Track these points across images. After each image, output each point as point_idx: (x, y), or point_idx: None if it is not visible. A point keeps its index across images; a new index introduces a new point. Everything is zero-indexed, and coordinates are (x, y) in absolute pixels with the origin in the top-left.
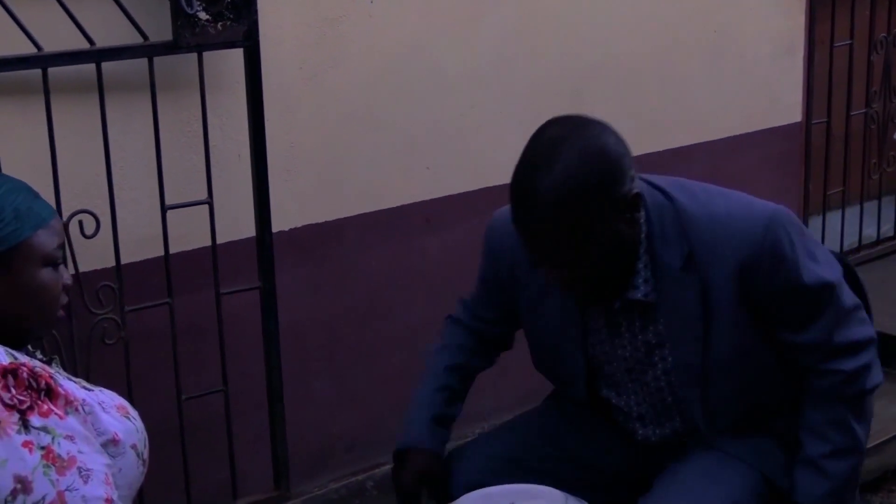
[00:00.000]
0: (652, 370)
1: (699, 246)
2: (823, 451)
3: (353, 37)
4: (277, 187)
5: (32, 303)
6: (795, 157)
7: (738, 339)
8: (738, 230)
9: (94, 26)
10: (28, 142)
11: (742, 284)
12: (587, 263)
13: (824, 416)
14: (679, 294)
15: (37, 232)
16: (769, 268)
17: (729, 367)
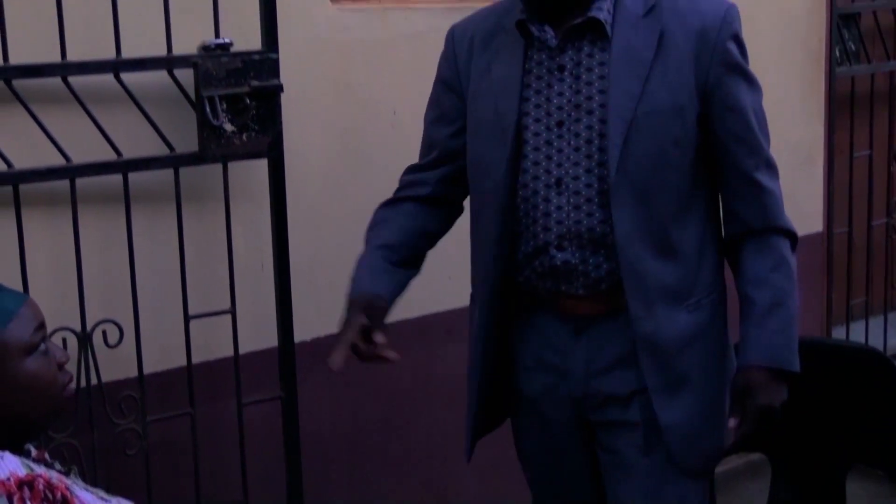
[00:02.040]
0: (587, 118)
1: (665, 3)
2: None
3: (376, 147)
4: (300, 297)
5: (29, 396)
6: (817, 266)
7: (676, 96)
8: (702, 5)
9: (121, 137)
10: (54, 251)
11: (698, 44)
12: None
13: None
14: (635, 36)
15: (7, 327)
16: (724, 36)
17: (657, 125)
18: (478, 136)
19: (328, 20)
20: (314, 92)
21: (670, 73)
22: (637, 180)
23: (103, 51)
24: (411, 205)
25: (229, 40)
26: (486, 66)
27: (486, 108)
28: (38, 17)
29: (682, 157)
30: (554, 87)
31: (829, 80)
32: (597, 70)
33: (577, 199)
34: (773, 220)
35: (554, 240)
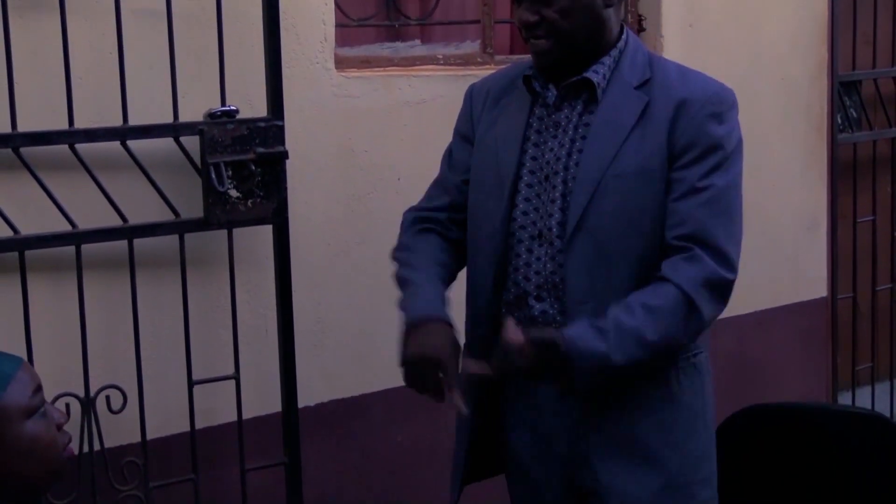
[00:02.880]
0: (563, 174)
1: (659, 78)
2: (621, 322)
3: (380, 213)
4: (304, 363)
5: (30, 458)
6: (822, 332)
7: (646, 161)
8: (697, 80)
9: (127, 203)
10: (58, 317)
11: (676, 114)
12: (559, 9)
13: (647, 297)
14: (622, 103)
15: (5, 392)
16: (705, 112)
17: (624, 188)
18: (478, 185)
19: (333, 87)
20: (319, 158)
21: (647, 140)
22: (597, 239)
23: (110, 118)
24: (436, 237)
25: (235, 108)
26: (494, 120)
27: (488, 159)
28: (46, 84)
29: (647, 225)
30: (548, 143)
31: (831, 146)
32: (581, 130)
33: (552, 251)
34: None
35: (533, 290)
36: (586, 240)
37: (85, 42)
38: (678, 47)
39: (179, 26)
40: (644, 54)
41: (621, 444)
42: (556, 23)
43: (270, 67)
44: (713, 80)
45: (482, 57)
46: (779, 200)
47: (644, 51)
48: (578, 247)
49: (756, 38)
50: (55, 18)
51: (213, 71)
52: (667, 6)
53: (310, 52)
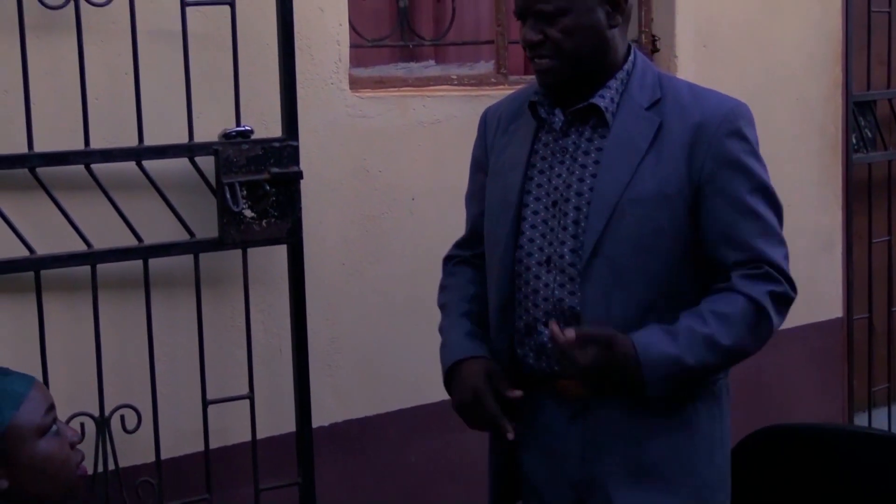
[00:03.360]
0: (576, 199)
1: (670, 97)
2: (690, 326)
3: (394, 233)
4: (318, 382)
5: (44, 477)
6: (838, 352)
7: (663, 186)
8: (710, 99)
9: (142, 223)
10: (73, 336)
11: (693, 137)
12: (563, 28)
13: (717, 305)
14: (634, 125)
15: (18, 411)
16: (723, 131)
17: (640, 212)
18: (489, 213)
19: (347, 108)
20: (333, 178)
21: (662, 163)
22: (615, 264)
23: (125, 138)
24: (468, 273)
25: (250, 128)
26: (504, 146)
27: (497, 186)
28: (63, 105)
29: (666, 247)
30: (555, 169)
31: (846, 166)
32: (593, 154)
33: (563, 278)
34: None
35: (542, 316)
36: (603, 265)
37: (101, 63)
38: (692, 68)
39: (195, 47)
40: (653, 74)
41: (635, 469)
42: (560, 42)
43: (285, 88)
44: (726, 97)
45: (496, 77)
46: (793, 220)
47: (653, 70)
48: (595, 273)
49: (770, 58)
50: (72, 39)
51: (228, 91)
52: (680, 27)
53: (324, 72)
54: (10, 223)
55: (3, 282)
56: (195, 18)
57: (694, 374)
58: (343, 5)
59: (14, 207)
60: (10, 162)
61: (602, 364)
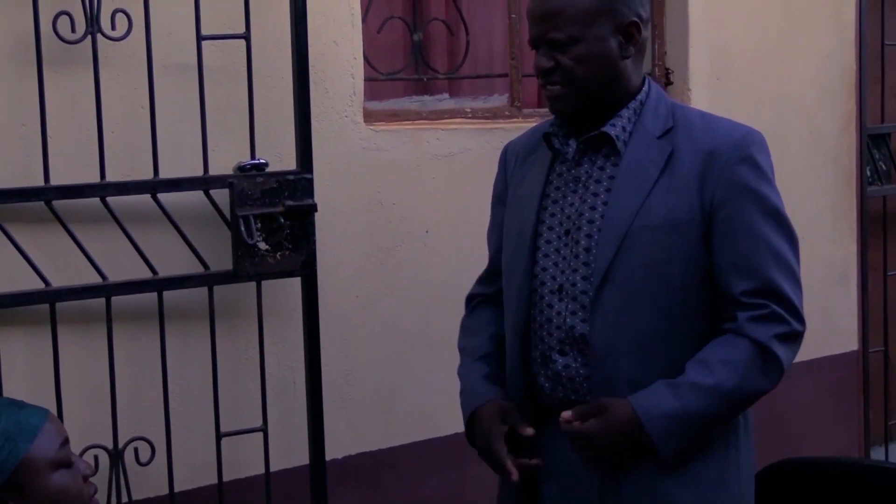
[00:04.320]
0: (587, 227)
1: (682, 126)
2: (694, 380)
3: (408, 265)
4: (332, 415)
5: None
6: (853, 385)
7: (675, 214)
8: (722, 126)
9: (157, 255)
10: (87, 368)
11: (705, 165)
12: (574, 56)
13: (721, 351)
14: (645, 153)
15: (33, 444)
16: (735, 158)
17: (651, 240)
18: (506, 244)
19: (362, 140)
20: (348, 211)
21: (673, 190)
22: (625, 292)
23: (141, 171)
24: (489, 313)
25: (265, 160)
26: (521, 178)
27: (513, 217)
28: (79, 138)
29: (677, 275)
30: (568, 198)
31: (860, 199)
32: (605, 183)
33: (574, 306)
34: (748, 329)
35: (556, 345)
36: (613, 293)
37: (117, 96)
38: (706, 100)
39: (210, 80)
40: (667, 104)
41: (653, 500)
42: (571, 70)
43: (300, 121)
44: (738, 125)
45: (510, 110)
46: (808, 253)
47: (667, 101)
48: (606, 300)
49: (784, 91)
50: (88, 73)
51: (243, 124)
52: (694, 59)
53: (339, 105)
54: (25, 255)
55: (19, 314)
56: (211, 52)
57: (704, 425)
58: (358, 39)
59: (30, 240)
60: (27, 195)
61: (603, 431)
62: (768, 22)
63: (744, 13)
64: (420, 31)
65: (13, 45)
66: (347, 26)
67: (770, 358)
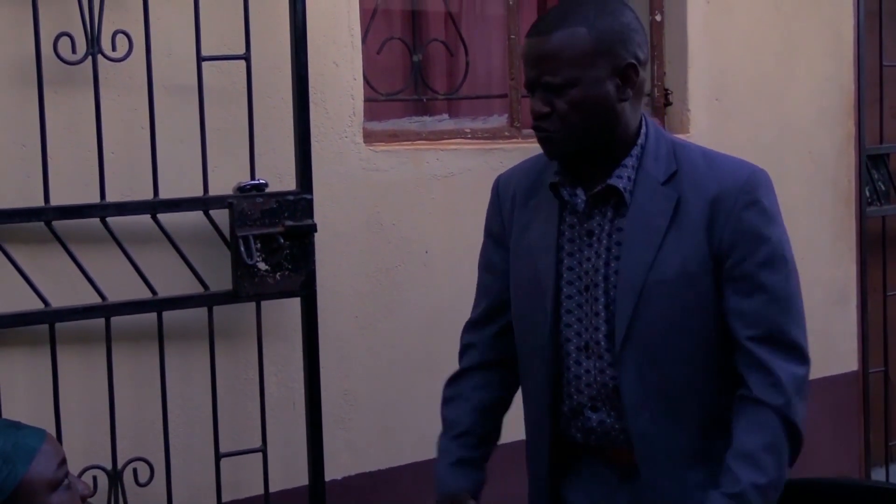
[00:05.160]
0: (604, 284)
1: (686, 169)
2: (757, 483)
3: (408, 286)
4: (331, 436)
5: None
6: (853, 406)
7: (687, 264)
8: (725, 168)
9: (157, 276)
10: (87, 389)
11: (712, 211)
12: (570, 100)
13: (758, 438)
14: (651, 203)
15: (31, 465)
16: (741, 204)
17: (667, 293)
18: (520, 293)
19: (361, 161)
20: (347, 231)
21: (683, 241)
22: (647, 346)
23: (141, 191)
24: (476, 376)
25: (264, 181)
26: (526, 224)
27: (526, 267)
28: (79, 158)
29: (696, 325)
30: (584, 252)
31: (859, 219)
32: (615, 236)
33: (602, 363)
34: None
35: (587, 402)
36: (636, 349)
37: (117, 117)
38: (705, 121)
39: (210, 101)
40: (667, 144)
41: None
42: (567, 114)
43: (299, 141)
44: (742, 164)
45: (510, 131)
46: (807, 274)
47: (667, 140)
48: (629, 357)
49: (783, 112)
50: (89, 93)
51: (242, 145)
52: (693, 80)
53: (338, 126)
54: (25, 276)
55: (18, 334)
56: (211, 73)
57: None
58: (357, 59)
59: (29, 260)
60: (27, 215)
61: None
62: (767, 43)
63: (743, 34)
64: (419, 52)
65: (14, 65)
66: (347, 47)
67: (795, 431)
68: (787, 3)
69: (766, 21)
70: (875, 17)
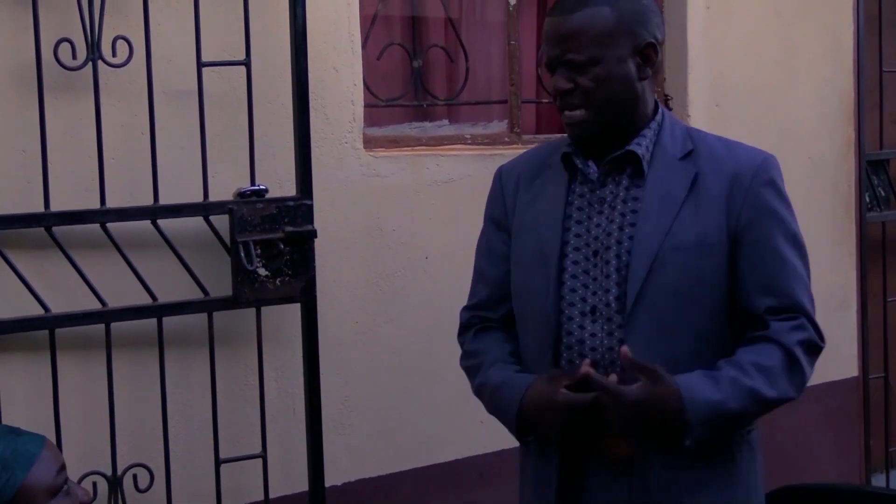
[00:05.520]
0: (616, 248)
1: (702, 148)
2: (734, 377)
3: (408, 291)
4: (331, 441)
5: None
6: (854, 412)
7: (704, 235)
8: (742, 149)
9: (157, 281)
10: (87, 395)
11: (730, 188)
12: (594, 77)
13: (754, 356)
14: (671, 175)
15: (31, 471)
16: (758, 182)
17: (682, 261)
18: (521, 265)
19: (361, 167)
20: (347, 237)
21: (701, 212)
22: (658, 313)
23: (141, 197)
24: (497, 333)
25: (264, 187)
26: (532, 200)
27: (530, 239)
28: (80, 164)
29: (707, 296)
30: (593, 220)
31: (859, 225)
32: (631, 204)
33: (610, 326)
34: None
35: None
36: (646, 314)
37: (117, 122)
38: (705, 126)
39: (210, 107)
40: (681, 127)
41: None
42: (591, 91)
43: (299, 147)
44: (756, 148)
45: (509, 136)
46: None
47: (681, 125)
48: (638, 321)
49: (783, 117)
50: (89, 99)
51: (243, 150)
52: (693, 86)
53: (338, 131)
54: (25, 281)
55: (18, 340)
56: (211, 79)
57: (734, 423)
58: (357, 65)
59: (29, 266)
60: (27, 221)
61: (647, 398)
62: (767, 49)
63: (743, 40)
64: (420, 58)
65: (14, 71)
66: (347, 53)
67: (797, 367)
68: (786, 9)
69: (765, 27)
70: (875, 22)
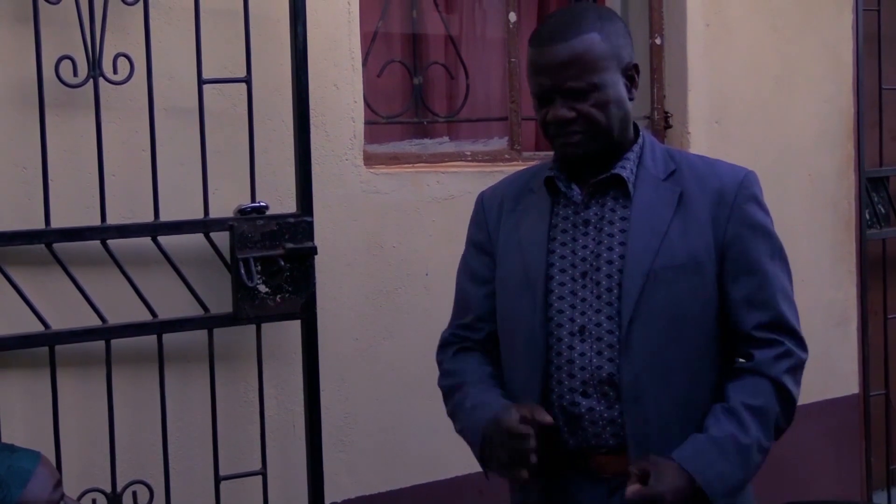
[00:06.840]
0: (607, 268)
1: (685, 167)
2: (738, 438)
3: (408, 308)
4: (331, 458)
5: None
6: (854, 429)
7: (693, 253)
8: (723, 166)
9: (157, 298)
10: (87, 411)
11: (715, 204)
12: (595, 103)
13: (748, 398)
14: (656, 195)
15: (26, 488)
16: (742, 197)
17: (673, 278)
18: (507, 288)
19: (362, 183)
20: (347, 254)
21: (689, 230)
22: (652, 331)
23: (141, 214)
24: (476, 354)
25: (265, 203)
26: (515, 224)
27: (515, 262)
28: (80, 181)
29: (698, 313)
30: (578, 241)
31: (859, 242)
32: (618, 224)
33: (600, 346)
34: (765, 367)
35: (579, 386)
36: (641, 332)
37: (118, 139)
38: (704, 143)
39: (211, 124)
40: (661, 149)
41: None
42: (594, 117)
43: (300, 164)
44: (736, 165)
45: (510, 153)
46: (808, 296)
47: (660, 146)
48: (634, 340)
49: (782, 135)
50: (90, 117)
51: (243, 167)
52: (693, 102)
53: (339, 148)
54: (25, 298)
55: (18, 356)
56: (211, 96)
57: (748, 476)
58: (358, 82)
59: (30, 282)
60: (28, 237)
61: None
62: (767, 66)
63: (742, 57)
64: (420, 75)
65: (16, 88)
66: (348, 70)
67: (787, 397)
68: (786, 27)
69: (765, 44)
70: (874, 40)
